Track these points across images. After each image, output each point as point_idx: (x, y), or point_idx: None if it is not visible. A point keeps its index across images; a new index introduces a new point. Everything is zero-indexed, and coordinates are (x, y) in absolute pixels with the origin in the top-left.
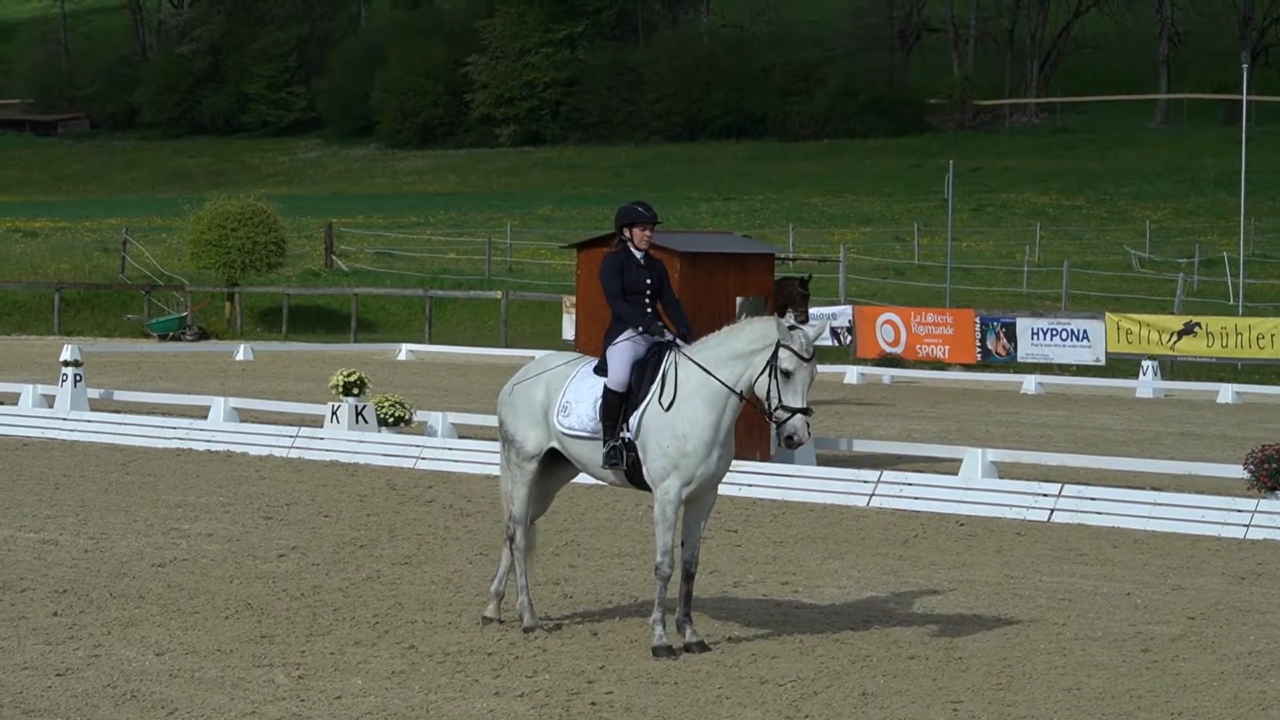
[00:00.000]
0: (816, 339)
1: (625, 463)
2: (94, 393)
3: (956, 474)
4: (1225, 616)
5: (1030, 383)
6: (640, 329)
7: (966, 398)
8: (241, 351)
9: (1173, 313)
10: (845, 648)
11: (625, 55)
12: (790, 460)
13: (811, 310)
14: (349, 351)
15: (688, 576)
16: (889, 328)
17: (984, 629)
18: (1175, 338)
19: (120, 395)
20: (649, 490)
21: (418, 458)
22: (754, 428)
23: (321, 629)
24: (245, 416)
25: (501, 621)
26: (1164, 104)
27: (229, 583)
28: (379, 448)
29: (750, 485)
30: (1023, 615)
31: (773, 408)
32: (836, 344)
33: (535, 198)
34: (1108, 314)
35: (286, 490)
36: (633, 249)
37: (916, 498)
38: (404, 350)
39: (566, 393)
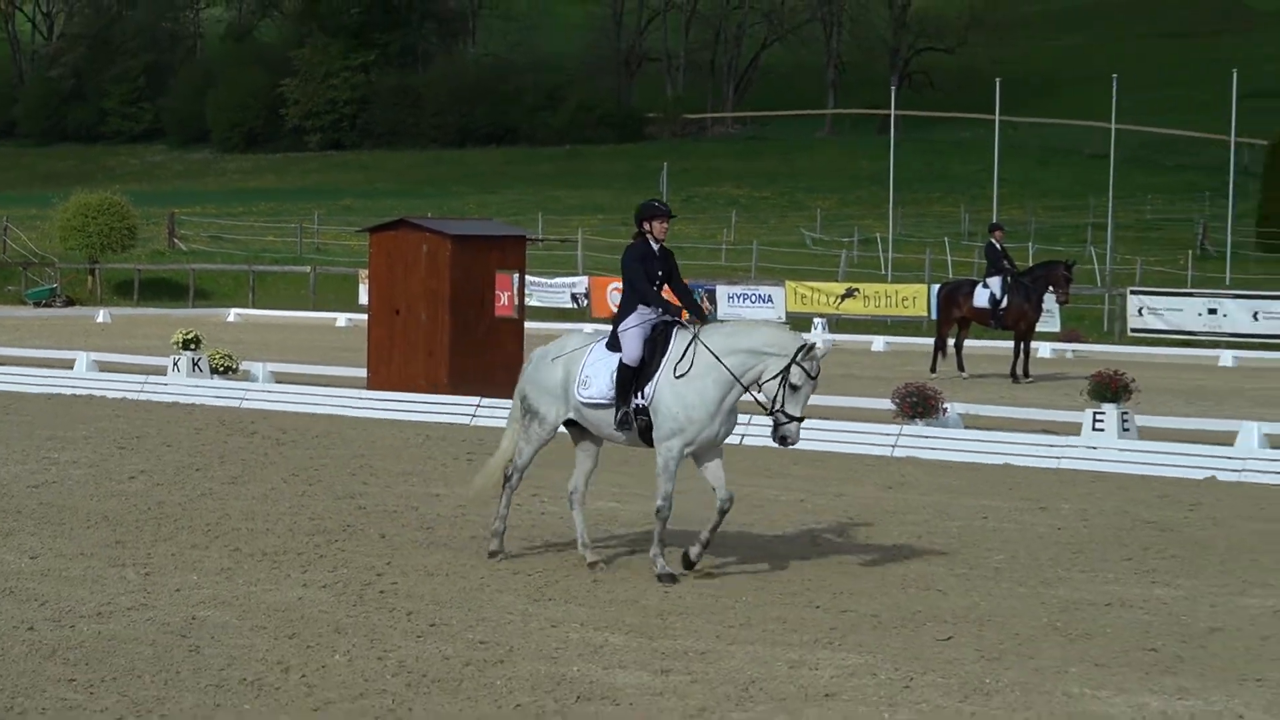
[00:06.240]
0: (821, 357)
1: (635, 426)
2: None
3: None
4: (877, 517)
5: (577, 336)
6: (662, 311)
7: None
8: (101, 315)
9: (837, 280)
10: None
11: (408, 78)
12: None
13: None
14: (188, 315)
15: (722, 513)
16: (617, 293)
17: (683, 539)
18: (840, 300)
19: (2, 351)
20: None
21: (243, 399)
22: (512, 372)
23: (165, 535)
24: (104, 367)
25: (507, 555)
26: (831, 118)
27: (90, 500)
28: (212, 391)
29: (507, 418)
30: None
31: (773, 409)
32: (575, 306)
33: (338, 192)
34: (788, 282)
35: (137, 426)
36: (651, 240)
37: None
38: (233, 314)
39: (584, 369)
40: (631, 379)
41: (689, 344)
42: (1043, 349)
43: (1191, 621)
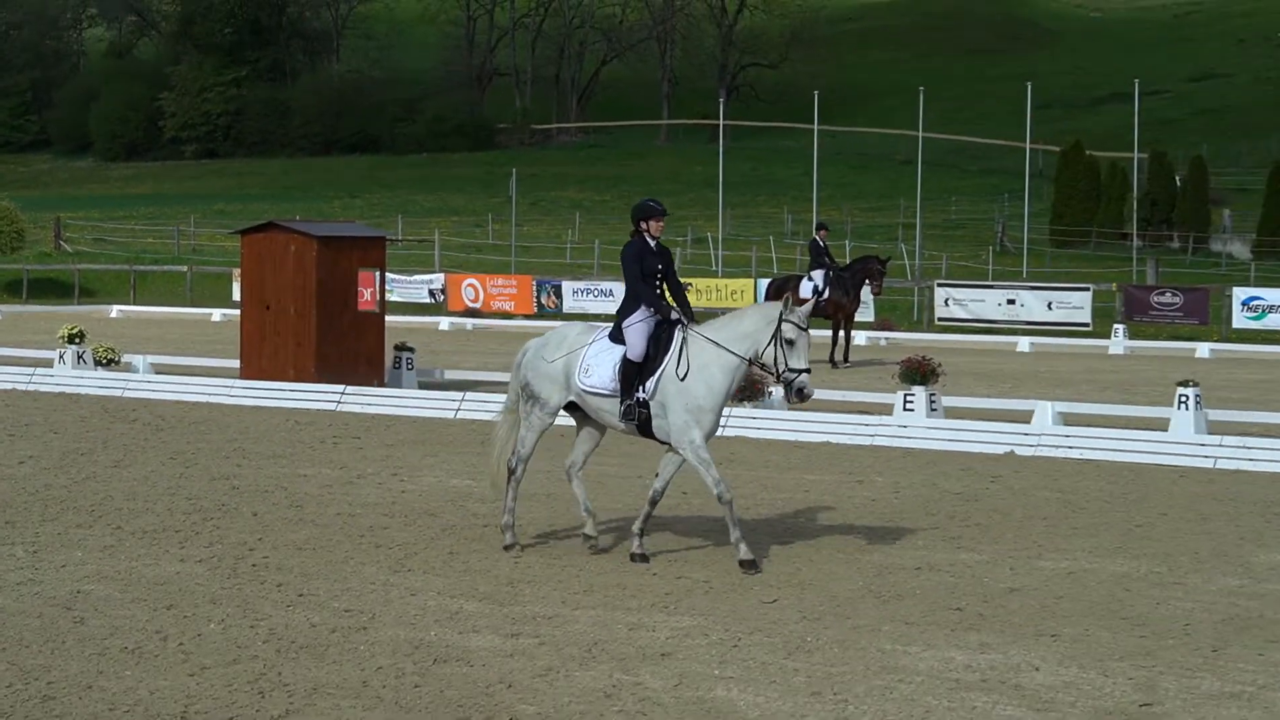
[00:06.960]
0: (807, 313)
1: (638, 418)
2: None
3: None
4: (708, 491)
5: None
6: (654, 309)
7: (527, 338)
8: None
9: None
10: (438, 520)
11: (278, 92)
12: (399, 384)
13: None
14: (73, 311)
15: (653, 503)
16: (471, 289)
17: (537, 513)
18: None
19: None
20: (656, 439)
21: (125, 389)
22: (374, 362)
23: (51, 516)
24: None
25: (522, 547)
26: (666, 128)
27: None
28: (96, 382)
29: (368, 404)
30: (533, 490)
31: (781, 370)
32: (433, 301)
33: (212, 197)
34: None
35: (25, 414)
36: (648, 238)
37: (496, 409)
38: (115, 310)
39: (586, 357)
40: (636, 373)
41: (684, 341)
42: (859, 337)
43: (992, 583)
